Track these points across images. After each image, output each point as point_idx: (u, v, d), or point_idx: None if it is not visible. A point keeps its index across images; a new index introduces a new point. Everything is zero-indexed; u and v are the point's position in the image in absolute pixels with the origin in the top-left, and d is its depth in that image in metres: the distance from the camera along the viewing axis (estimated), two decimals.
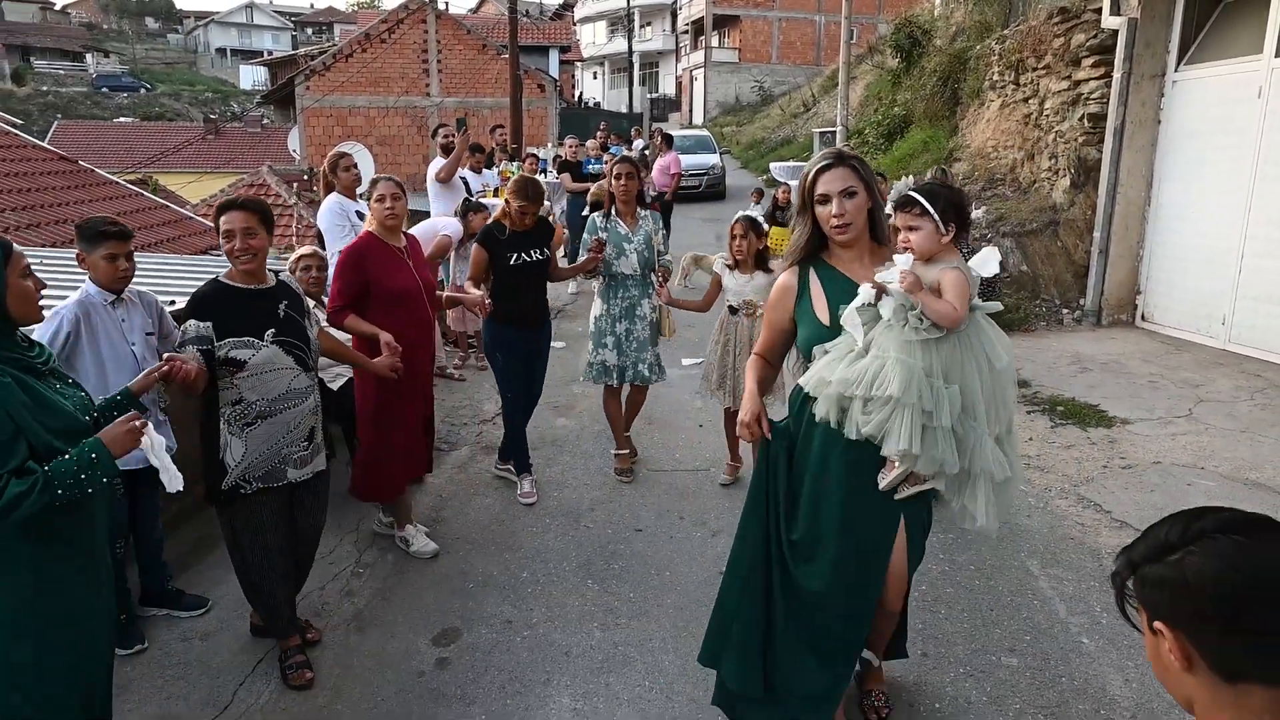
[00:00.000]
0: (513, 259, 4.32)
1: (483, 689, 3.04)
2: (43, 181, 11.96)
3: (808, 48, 41.37)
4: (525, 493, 4.54)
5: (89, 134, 34.18)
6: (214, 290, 2.95)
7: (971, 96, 11.45)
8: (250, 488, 2.94)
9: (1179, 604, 1.02)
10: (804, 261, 2.45)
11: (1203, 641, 1.01)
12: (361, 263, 3.69)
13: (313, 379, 3.08)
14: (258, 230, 2.90)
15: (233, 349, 2.85)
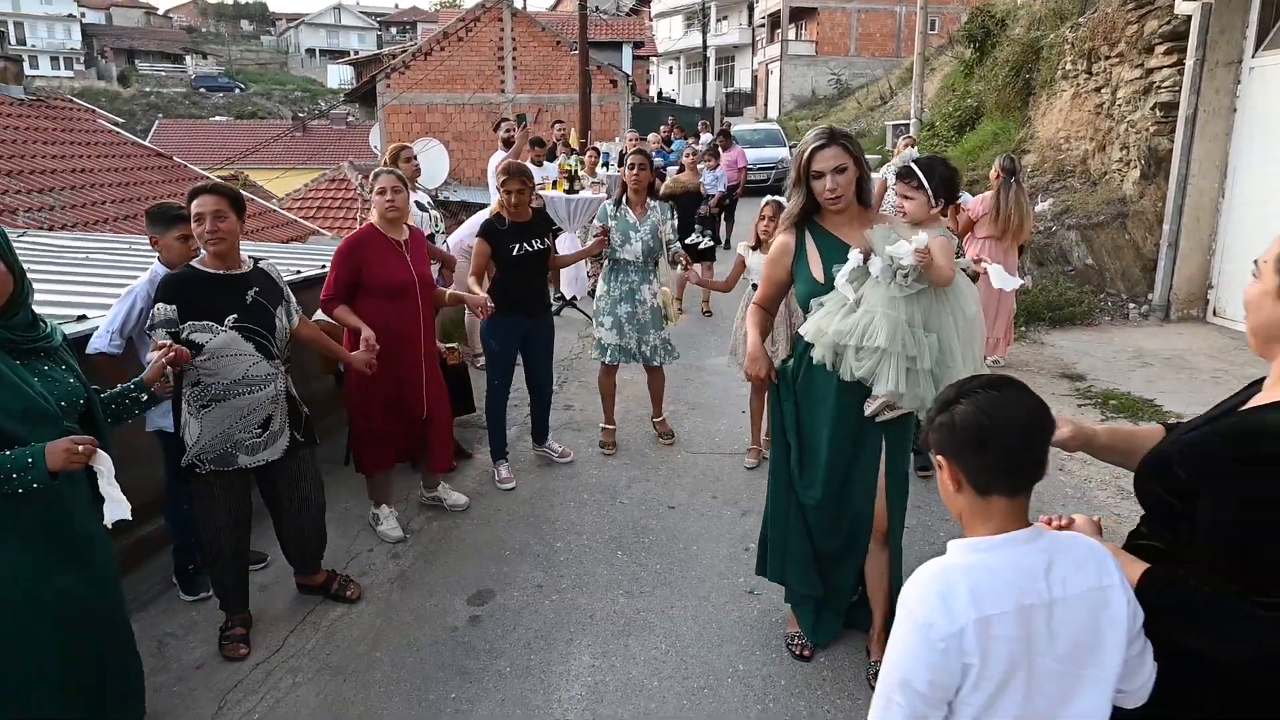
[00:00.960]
0: (515, 250, 4.39)
1: (510, 644, 3.24)
2: (140, 176, 12.75)
3: (887, 39, 40.57)
4: (503, 478, 4.64)
5: (187, 132, 35.94)
6: (182, 274, 3.00)
7: (1043, 87, 11.17)
8: (204, 468, 3.02)
9: (950, 441, 1.41)
10: (799, 224, 2.74)
11: (965, 466, 1.41)
12: (356, 255, 3.75)
13: (275, 367, 3.10)
14: (227, 214, 2.96)
15: (193, 332, 2.90)
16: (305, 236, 12.64)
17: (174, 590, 3.61)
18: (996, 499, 1.39)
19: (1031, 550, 1.38)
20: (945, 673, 1.34)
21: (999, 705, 1.34)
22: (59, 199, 9.90)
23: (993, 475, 1.39)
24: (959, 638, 1.32)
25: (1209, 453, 1.44)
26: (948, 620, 1.33)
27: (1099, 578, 1.39)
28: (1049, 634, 1.35)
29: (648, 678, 3.04)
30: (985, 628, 1.32)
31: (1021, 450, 1.38)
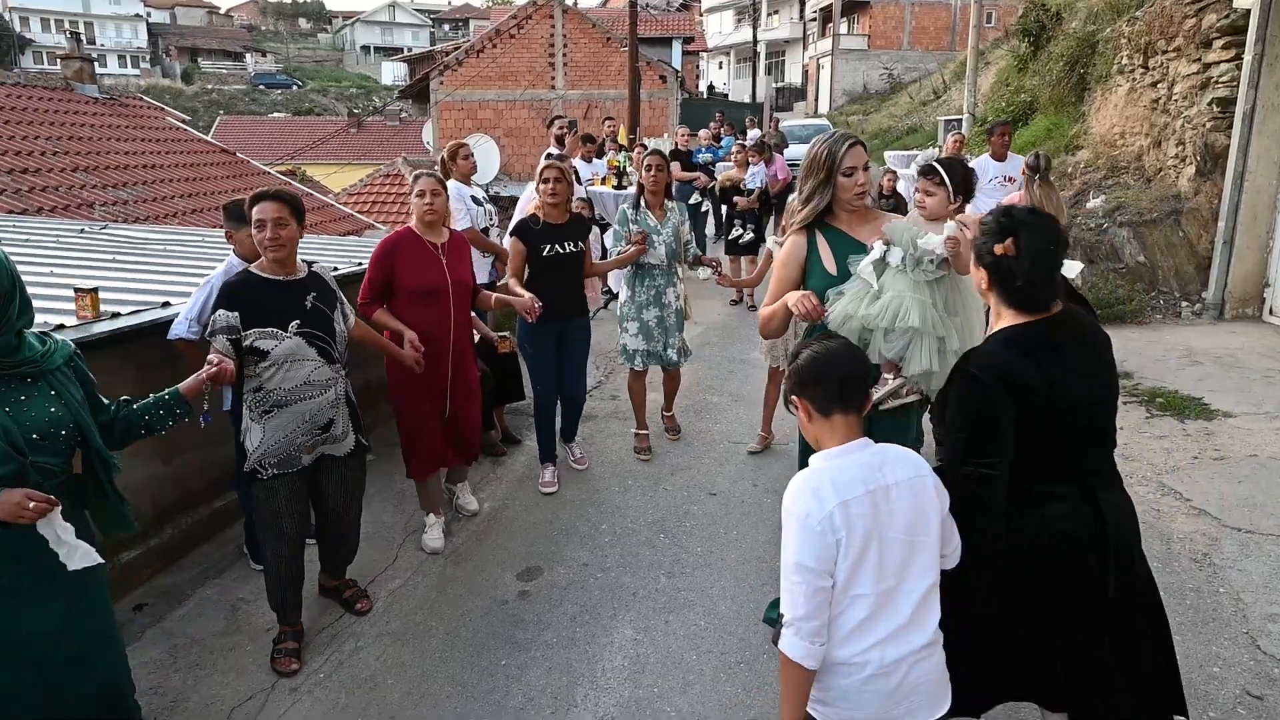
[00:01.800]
0: (545, 250, 4.33)
1: (556, 617, 3.42)
2: (206, 172, 13.24)
3: (941, 33, 39.95)
4: (545, 481, 4.61)
5: (246, 128, 36.87)
6: (243, 281, 2.99)
7: (1098, 82, 11.01)
8: (266, 473, 3.01)
9: (799, 381, 1.91)
10: (810, 225, 2.83)
11: (810, 398, 1.89)
12: (390, 257, 3.74)
13: (336, 371, 3.11)
14: (289, 221, 2.95)
15: (257, 339, 2.90)
16: (361, 230, 13.01)
17: (245, 559, 3.86)
18: (836, 417, 1.87)
19: (868, 453, 1.86)
20: (824, 547, 1.75)
21: (861, 569, 1.77)
22: (132, 194, 10.36)
23: (828, 400, 1.87)
24: (830, 519, 1.75)
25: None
26: (819, 507, 1.76)
27: (917, 470, 1.86)
28: (890, 511, 1.79)
29: (687, 651, 3.19)
30: (846, 509, 1.76)
31: (842, 380, 1.87)
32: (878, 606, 1.77)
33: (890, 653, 1.77)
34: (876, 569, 1.77)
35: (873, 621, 1.77)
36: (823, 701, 1.83)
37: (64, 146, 10.82)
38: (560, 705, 2.93)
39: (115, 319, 3.45)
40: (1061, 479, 1.99)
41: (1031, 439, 1.93)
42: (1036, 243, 1.96)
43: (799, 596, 1.74)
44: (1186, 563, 3.74)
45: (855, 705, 1.79)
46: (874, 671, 1.77)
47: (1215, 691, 2.91)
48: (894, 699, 1.79)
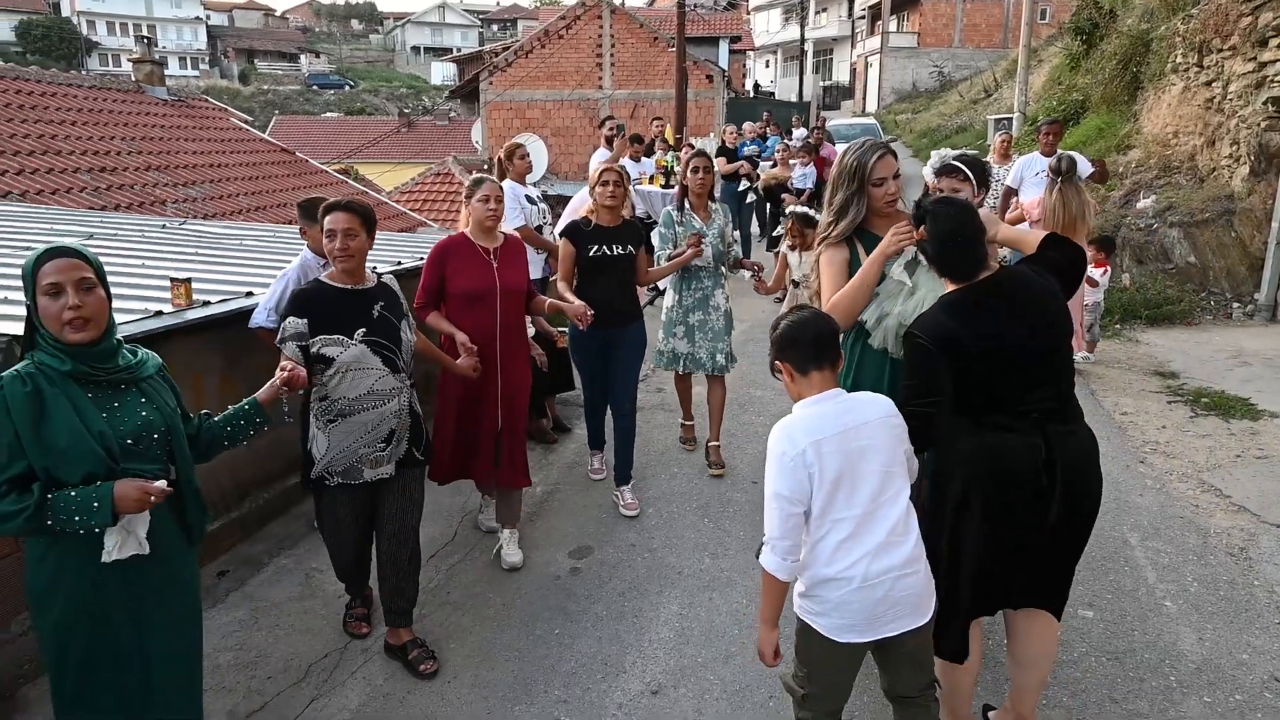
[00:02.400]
0: (592, 250, 4.22)
1: (605, 593, 3.63)
2: (267, 170, 13.74)
3: (994, 30, 39.36)
4: (595, 469, 4.76)
5: (301, 128, 37.76)
6: (312, 289, 3.03)
7: (1152, 80, 10.89)
8: (332, 481, 3.04)
9: (779, 347, 2.24)
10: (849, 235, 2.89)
11: (790, 360, 2.21)
12: (441, 261, 3.71)
13: (401, 381, 3.08)
14: (359, 232, 2.97)
15: (324, 346, 2.92)
16: (414, 227, 13.40)
17: (315, 532, 4.13)
18: (813, 374, 2.19)
19: (840, 400, 2.19)
20: (796, 480, 2.08)
21: (836, 497, 2.10)
22: (200, 192, 10.84)
23: (804, 359, 2.19)
24: (802, 456, 2.08)
25: None
26: (792, 445, 2.09)
27: (885, 410, 2.22)
28: (861, 448, 2.12)
29: (729, 626, 3.37)
30: (818, 447, 2.09)
31: (815, 340, 2.20)
32: (857, 528, 2.10)
33: (874, 567, 2.08)
34: (850, 496, 2.10)
35: (853, 541, 2.10)
36: (820, 614, 2.15)
37: (137, 146, 11.35)
38: (610, 671, 3.13)
39: (206, 306, 3.74)
40: (1013, 415, 2.28)
41: (972, 382, 2.28)
42: (942, 226, 2.40)
43: (775, 520, 2.10)
44: (1222, 556, 3.81)
45: (847, 613, 2.11)
46: (860, 584, 2.08)
47: (1243, 676, 3.00)
48: (880, 607, 2.10)
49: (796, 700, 2.32)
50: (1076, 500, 2.30)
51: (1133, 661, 3.09)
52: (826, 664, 2.23)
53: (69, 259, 2.02)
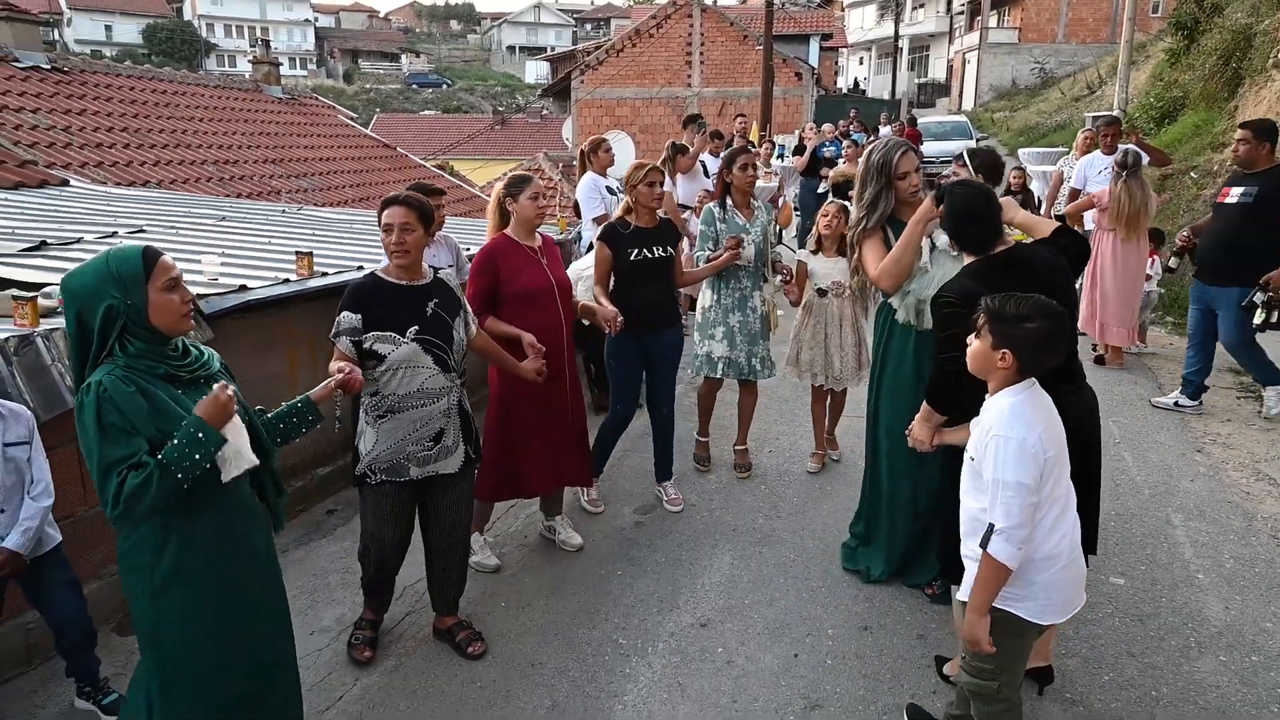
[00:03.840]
0: (633, 254, 4.08)
1: (665, 543, 4.01)
2: (371, 165, 14.60)
3: (1101, 24, 37.90)
4: (591, 499, 4.38)
5: (400, 125, 39.25)
6: (367, 284, 3.00)
7: (1252, 76, 10.60)
8: (375, 478, 3.02)
9: (1028, 341, 2.16)
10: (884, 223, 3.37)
11: (1026, 359, 2.17)
12: (492, 264, 3.62)
13: (452, 380, 3.06)
14: (415, 227, 2.94)
15: (376, 342, 2.91)
16: None
17: None
18: (1030, 378, 2.21)
19: (1036, 389, 2.23)
20: (1037, 466, 2.09)
21: (1050, 477, 2.15)
22: (311, 184, 11.69)
23: (1038, 365, 2.20)
24: (1040, 442, 2.10)
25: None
26: (1030, 432, 2.11)
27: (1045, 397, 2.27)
28: (1057, 431, 2.22)
29: (776, 576, 3.70)
30: (1044, 432, 2.14)
31: (1059, 350, 2.23)
32: (1063, 507, 2.19)
33: (1073, 541, 2.22)
34: (1060, 476, 2.19)
35: (1060, 519, 2.18)
36: (1024, 598, 2.19)
37: (255, 141, 12.30)
38: (665, 606, 3.50)
39: (324, 277, 4.28)
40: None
41: None
42: (957, 204, 2.70)
43: (1014, 508, 2.07)
44: (1265, 538, 3.92)
45: (1053, 593, 2.19)
46: (1066, 560, 2.18)
47: (1263, 642, 3.16)
48: (1077, 584, 2.24)
49: (988, 695, 2.29)
50: (1085, 450, 2.54)
51: (1156, 624, 3.28)
52: (1022, 650, 2.30)
53: (167, 258, 2.09)
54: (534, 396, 3.62)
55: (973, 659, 2.28)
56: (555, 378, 3.63)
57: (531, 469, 3.73)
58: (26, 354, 3.04)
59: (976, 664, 2.28)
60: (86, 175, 8.31)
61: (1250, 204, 5.02)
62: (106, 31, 60.28)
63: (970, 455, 2.26)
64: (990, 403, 2.24)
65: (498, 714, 2.91)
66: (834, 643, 3.23)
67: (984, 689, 2.29)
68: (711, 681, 3.04)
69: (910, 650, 3.17)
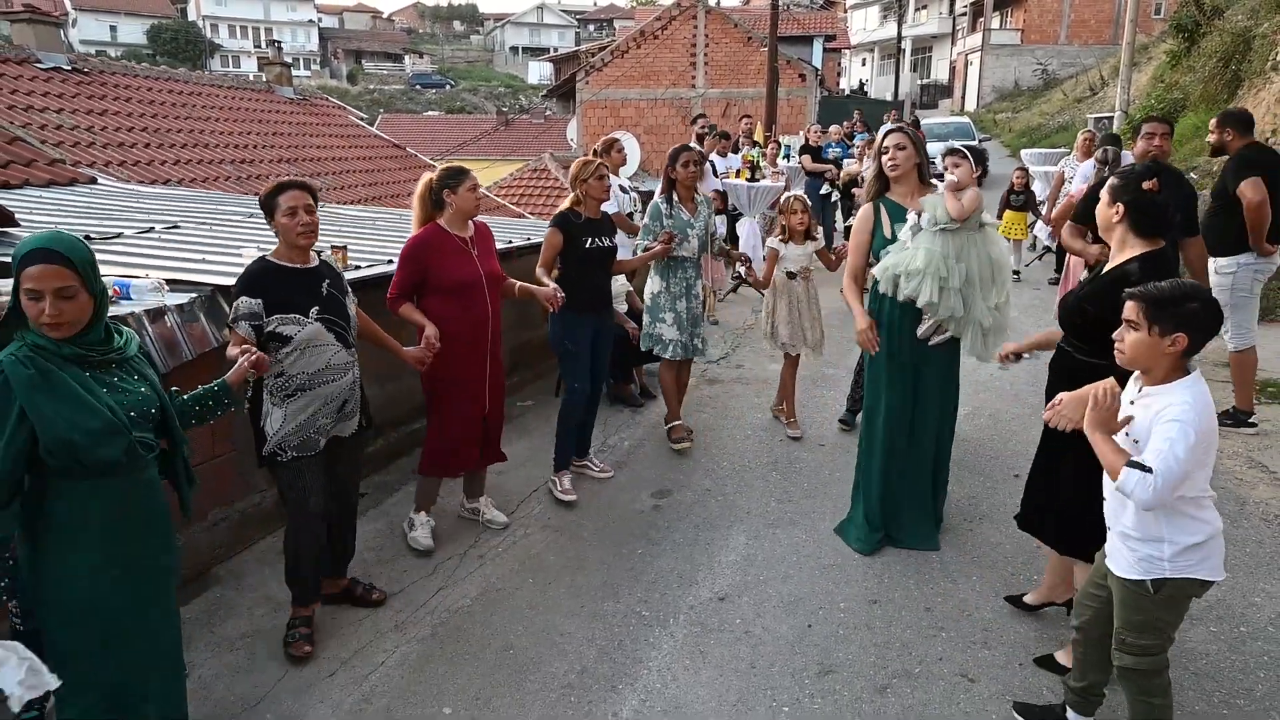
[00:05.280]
0: (587, 243, 4.33)
1: (684, 524, 4.20)
2: (380, 164, 14.80)
3: (1103, 25, 38.06)
4: (564, 489, 4.47)
5: (404, 125, 39.42)
6: (263, 269, 3.05)
7: (1252, 78, 10.78)
8: (286, 455, 3.08)
9: (1200, 325, 2.22)
10: (875, 199, 3.77)
11: (1196, 342, 2.22)
12: (421, 254, 3.72)
13: (353, 355, 3.20)
14: (314, 208, 3.04)
15: (280, 325, 2.98)
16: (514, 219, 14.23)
17: None
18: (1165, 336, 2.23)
19: (1200, 375, 2.29)
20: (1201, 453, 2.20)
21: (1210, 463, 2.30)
22: (325, 182, 11.89)
23: (1200, 346, 2.26)
24: (1211, 432, 2.23)
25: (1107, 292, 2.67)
26: (1205, 423, 2.20)
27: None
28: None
29: (789, 555, 3.89)
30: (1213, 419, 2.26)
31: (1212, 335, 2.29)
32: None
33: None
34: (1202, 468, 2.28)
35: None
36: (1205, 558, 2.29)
37: (270, 140, 12.52)
38: (684, 582, 3.69)
39: (358, 270, 4.47)
40: None
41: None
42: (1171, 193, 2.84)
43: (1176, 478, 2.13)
44: (1256, 521, 4.11)
45: (1218, 553, 2.32)
46: (1220, 525, 2.33)
47: (1251, 614, 3.35)
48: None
49: (1157, 668, 2.39)
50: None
51: None
52: (1182, 617, 2.43)
53: (51, 266, 2.04)
54: (456, 382, 3.80)
55: (1135, 635, 2.37)
56: (476, 367, 3.84)
57: (455, 451, 3.94)
58: None
59: (1138, 641, 2.37)
60: (111, 174, 8.51)
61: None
62: (111, 32, 60.55)
63: (1135, 439, 2.30)
64: (1162, 392, 2.25)
65: (530, 679, 3.10)
66: (845, 615, 3.42)
67: (1154, 664, 2.38)
68: (731, 649, 3.23)
69: (918, 621, 3.36)
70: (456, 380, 3.81)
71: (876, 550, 3.86)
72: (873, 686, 2.99)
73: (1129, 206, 2.72)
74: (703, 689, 3.02)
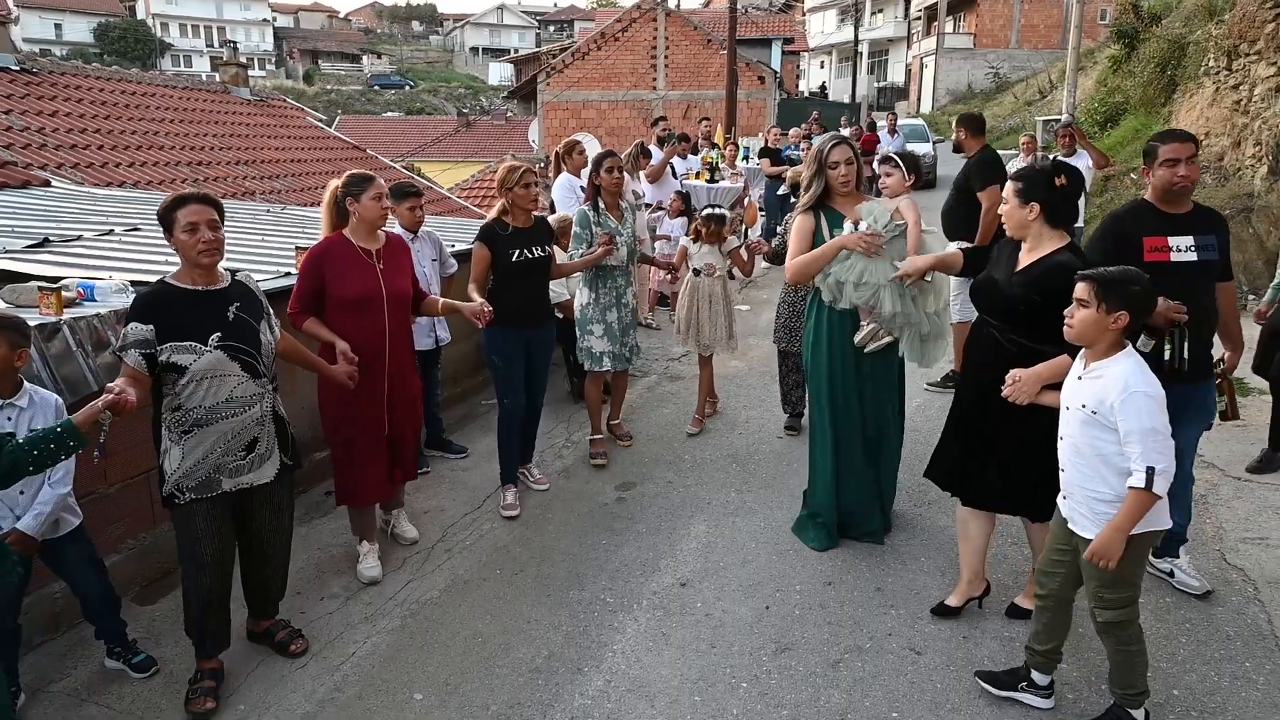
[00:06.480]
0: (514, 255, 4.17)
1: (646, 515, 4.33)
2: (341, 166, 14.65)
3: (1052, 30, 39.09)
4: (508, 504, 4.37)
5: (363, 127, 38.92)
6: (158, 291, 2.80)
7: (1186, 83, 11.23)
8: (184, 497, 2.83)
9: (1143, 304, 2.50)
10: (814, 207, 3.77)
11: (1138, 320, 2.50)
12: (318, 267, 3.50)
13: (263, 386, 2.93)
14: (219, 225, 2.79)
15: (174, 353, 2.72)
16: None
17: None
18: (1110, 313, 2.46)
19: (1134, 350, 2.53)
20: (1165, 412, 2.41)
21: None
22: (284, 184, 11.82)
23: (1138, 325, 2.51)
24: (1162, 394, 2.42)
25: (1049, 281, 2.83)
26: (1156, 387, 2.42)
27: None
28: None
29: (748, 542, 4.05)
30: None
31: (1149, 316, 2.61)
32: None
33: None
34: None
35: None
36: (1159, 510, 2.48)
37: (226, 143, 12.39)
38: (647, 570, 3.83)
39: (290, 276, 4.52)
40: None
41: None
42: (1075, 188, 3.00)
43: (1166, 450, 2.37)
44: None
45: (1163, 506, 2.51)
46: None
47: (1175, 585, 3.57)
48: None
49: (1130, 619, 2.61)
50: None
51: None
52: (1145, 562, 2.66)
53: None
54: (351, 405, 3.52)
55: (1112, 591, 2.57)
56: (374, 385, 3.55)
57: (360, 480, 3.68)
58: (55, 342, 3.27)
59: (1116, 595, 2.58)
60: (64, 176, 8.41)
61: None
62: (56, 30, 59.15)
63: (1092, 409, 2.48)
64: (1106, 366, 2.48)
65: (499, 664, 3.21)
66: (801, 596, 3.58)
67: (1128, 615, 2.60)
68: (692, 631, 3.37)
69: (869, 600, 3.54)
70: (350, 403, 3.51)
71: (832, 547, 3.98)
72: (826, 661, 3.16)
73: (1044, 204, 2.89)
74: (665, 669, 3.15)
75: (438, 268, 4.98)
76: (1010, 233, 3.05)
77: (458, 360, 5.85)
